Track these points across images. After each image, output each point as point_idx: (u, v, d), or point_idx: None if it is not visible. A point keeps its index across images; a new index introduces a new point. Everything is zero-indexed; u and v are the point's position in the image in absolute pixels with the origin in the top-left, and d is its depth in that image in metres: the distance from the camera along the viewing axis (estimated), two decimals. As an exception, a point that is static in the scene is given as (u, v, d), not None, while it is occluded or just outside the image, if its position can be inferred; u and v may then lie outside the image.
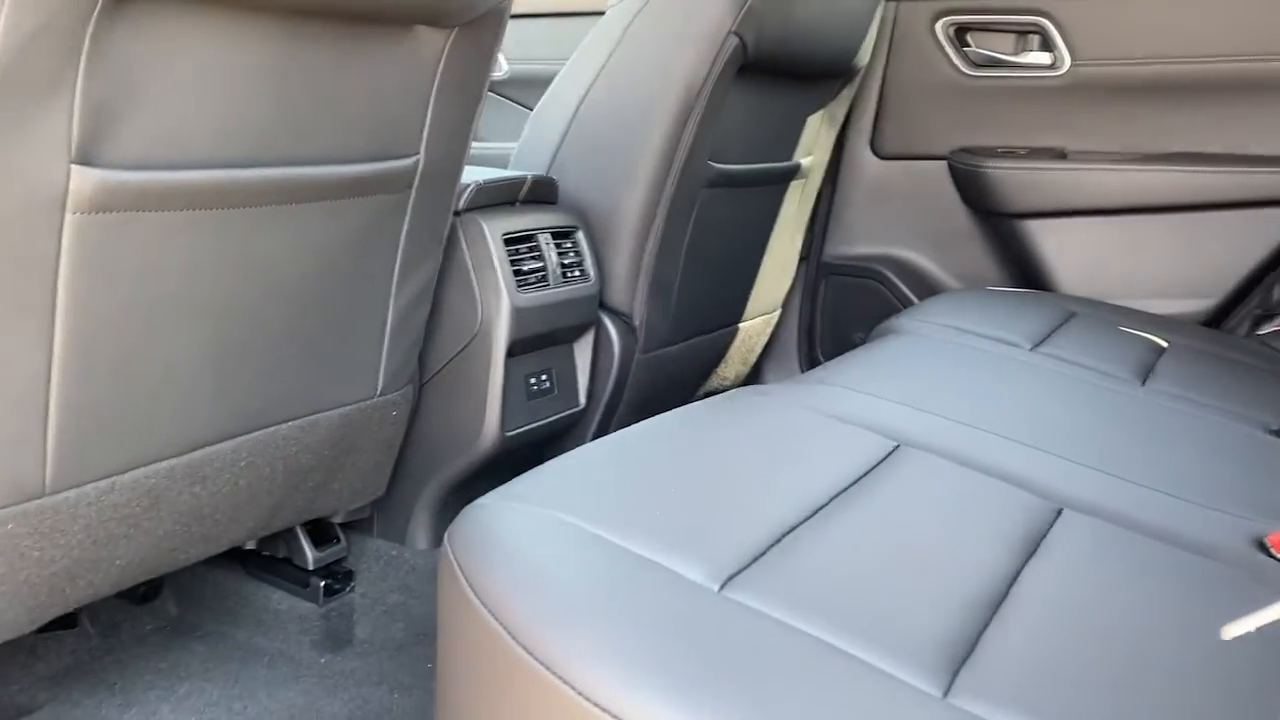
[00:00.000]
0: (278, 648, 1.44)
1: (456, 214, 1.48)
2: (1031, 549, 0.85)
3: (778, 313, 2.28)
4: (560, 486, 0.82)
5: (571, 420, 1.70)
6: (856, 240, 2.32)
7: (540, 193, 1.61)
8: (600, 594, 0.68)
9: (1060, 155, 2.09)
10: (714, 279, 1.94)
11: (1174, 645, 0.73)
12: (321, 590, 1.51)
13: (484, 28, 1.22)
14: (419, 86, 1.20)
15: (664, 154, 1.64)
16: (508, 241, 1.50)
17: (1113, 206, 2.04)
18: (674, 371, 1.92)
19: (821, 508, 0.86)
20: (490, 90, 2.95)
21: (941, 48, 2.17)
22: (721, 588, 0.72)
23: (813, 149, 2.09)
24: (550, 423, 1.64)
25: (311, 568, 1.51)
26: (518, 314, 1.49)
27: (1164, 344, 1.73)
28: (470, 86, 1.26)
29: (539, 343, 1.58)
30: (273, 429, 1.23)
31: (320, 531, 1.54)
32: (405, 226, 1.28)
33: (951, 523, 0.89)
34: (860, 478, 0.93)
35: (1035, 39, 2.10)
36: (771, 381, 2.40)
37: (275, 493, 1.29)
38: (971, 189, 2.18)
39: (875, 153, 2.29)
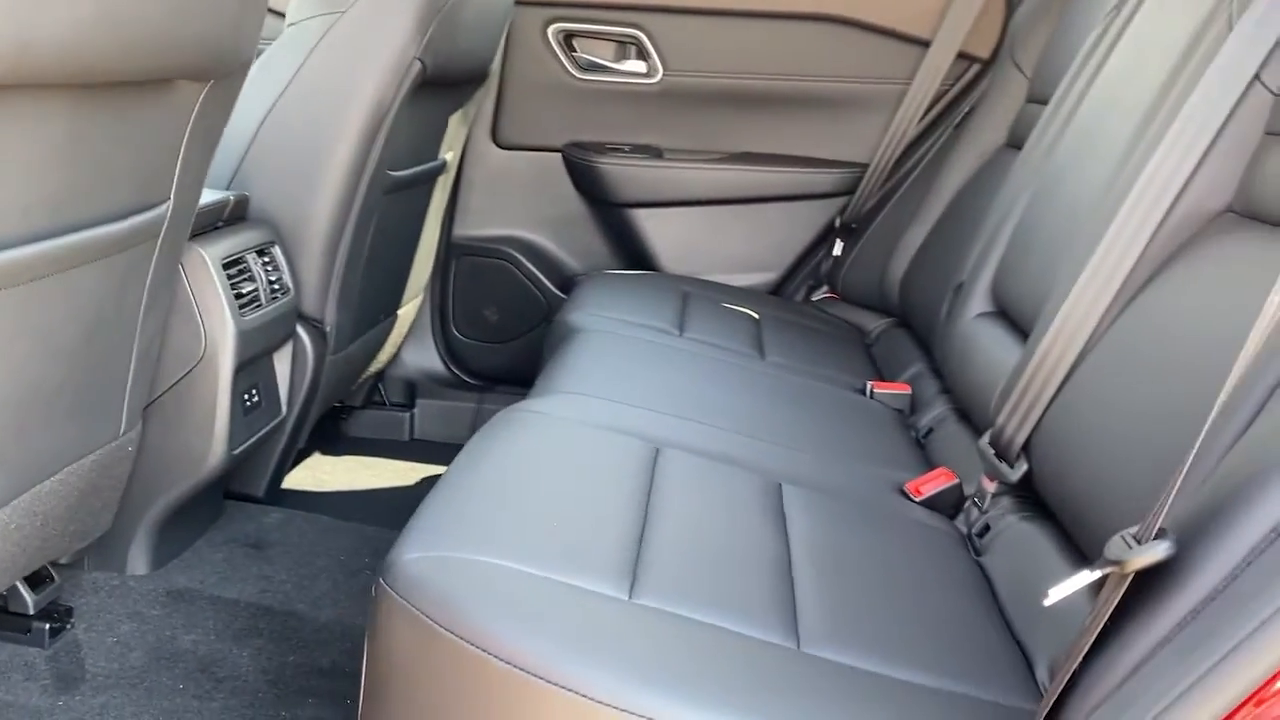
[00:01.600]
0: (6, 700, 1.39)
1: (170, 242, 1.48)
2: (781, 522, 1.18)
3: (421, 296, 2.44)
4: (466, 532, 0.99)
5: (276, 427, 1.77)
6: (483, 223, 2.54)
7: (238, 210, 1.64)
8: (555, 621, 0.88)
9: (657, 153, 2.47)
10: (382, 274, 2.06)
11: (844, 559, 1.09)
12: (46, 633, 1.46)
13: (237, 76, 1.26)
14: (174, 136, 1.22)
15: (353, 169, 1.74)
16: (226, 266, 1.53)
17: (699, 198, 2.46)
18: (352, 366, 2.03)
19: (646, 513, 1.11)
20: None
21: (553, 51, 2.43)
22: (630, 596, 0.95)
23: (453, 145, 2.26)
24: (262, 435, 1.69)
25: (31, 612, 1.46)
26: (243, 337, 1.53)
27: (756, 316, 2.17)
28: (215, 130, 1.29)
29: (253, 360, 1.63)
30: (35, 489, 1.21)
31: (33, 573, 1.48)
32: (152, 268, 1.29)
33: (719, 507, 1.19)
34: (652, 482, 1.19)
35: (633, 49, 2.43)
36: (410, 359, 2.56)
37: (26, 547, 1.26)
38: (584, 180, 2.49)
39: (497, 143, 2.50)
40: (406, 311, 2.33)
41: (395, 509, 2.28)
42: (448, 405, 2.57)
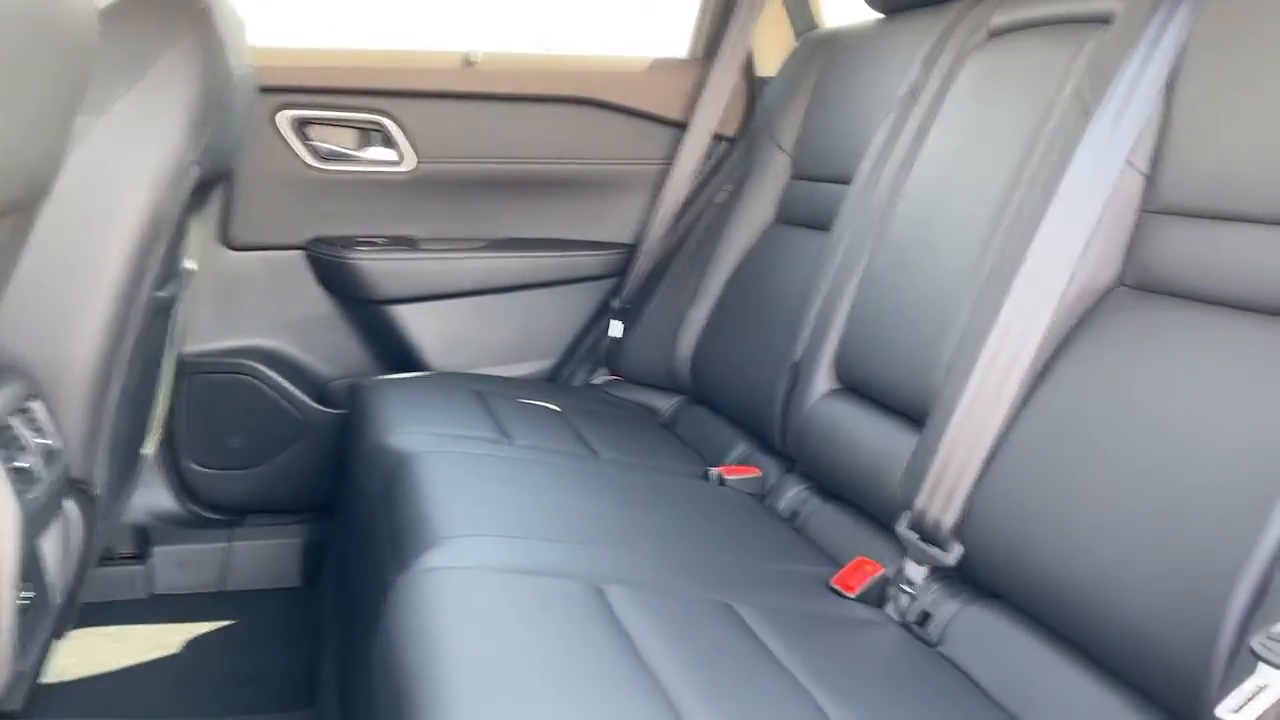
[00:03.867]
0: None
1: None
2: (753, 639, 1.10)
3: (157, 437, 2.07)
4: None
5: (48, 624, 1.39)
6: (217, 335, 2.22)
7: (-15, 362, 1.28)
8: None
9: (413, 244, 2.29)
10: (135, 411, 1.71)
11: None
12: None
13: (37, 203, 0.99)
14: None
15: (124, 296, 1.43)
16: (-6, 438, 1.18)
17: (463, 289, 2.31)
18: (112, 522, 1.67)
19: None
20: None
21: (285, 140, 2.19)
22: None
23: (192, 253, 1.95)
24: (44, 639, 1.33)
25: None
26: (28, 524, 1.19)
27: (557, 409, 2.07)
28: (8, 268, 1.01)
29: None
30: None
31: None
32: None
33: (701, 646, 1.09)
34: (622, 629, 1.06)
35: (378, 135, 2.25)
36: (138, 502, 2.17)
37: None
38: (333, 278, 2.25)
39: (227, 244, 2.20)
40: (150, 447, 1.97)
41: (165, 688, 1.92)
42: (191, 550, 2.20)
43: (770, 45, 2.39)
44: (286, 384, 2.24)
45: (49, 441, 1.34)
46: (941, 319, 1.44)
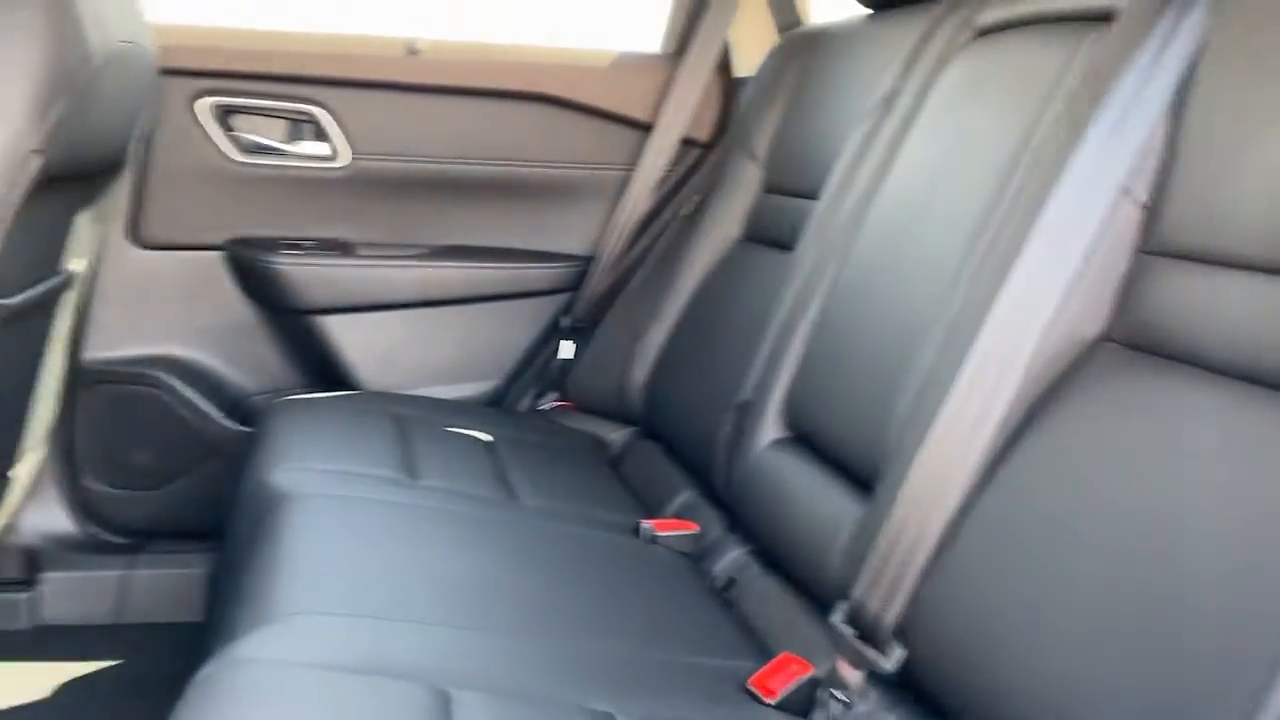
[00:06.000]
0: None
1: None
2: None
3: (42, 453, 1.87)
4: None
5: None
6: (122, 342, 2.01)
7: None
8: None
9: (347, 249, 2.08)
10: (-11, 434, 1.51)
11: None
12: None
13: None
14: None
15: (-57, 305, 1.23)
16: None
17: (400, 300, 2.10)
18: None
19: None
20: None
21: (204, 130, 1.98)
22: None
23: (81, 251, 1.74)
24: None
25: None
26: None
27: (488, 438, 1.85)
28: None
29: None
30: None
31: None
32: None
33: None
34: None
35: (310, 128, 2.04)
36: (28, 523, 1.97)
37: None
38: (254, 283, 2.05)
39: (137, 242, 2.00)
40: (24, 469, 1.76)
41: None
42: (85, 576, 1.99)
43: (752, 43, 2.16)
44: (198, 398, 2.03)
45: None
46: (900, 364, 1.21)
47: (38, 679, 1.82)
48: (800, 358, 1.45)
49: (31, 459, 1.79)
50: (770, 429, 1.46)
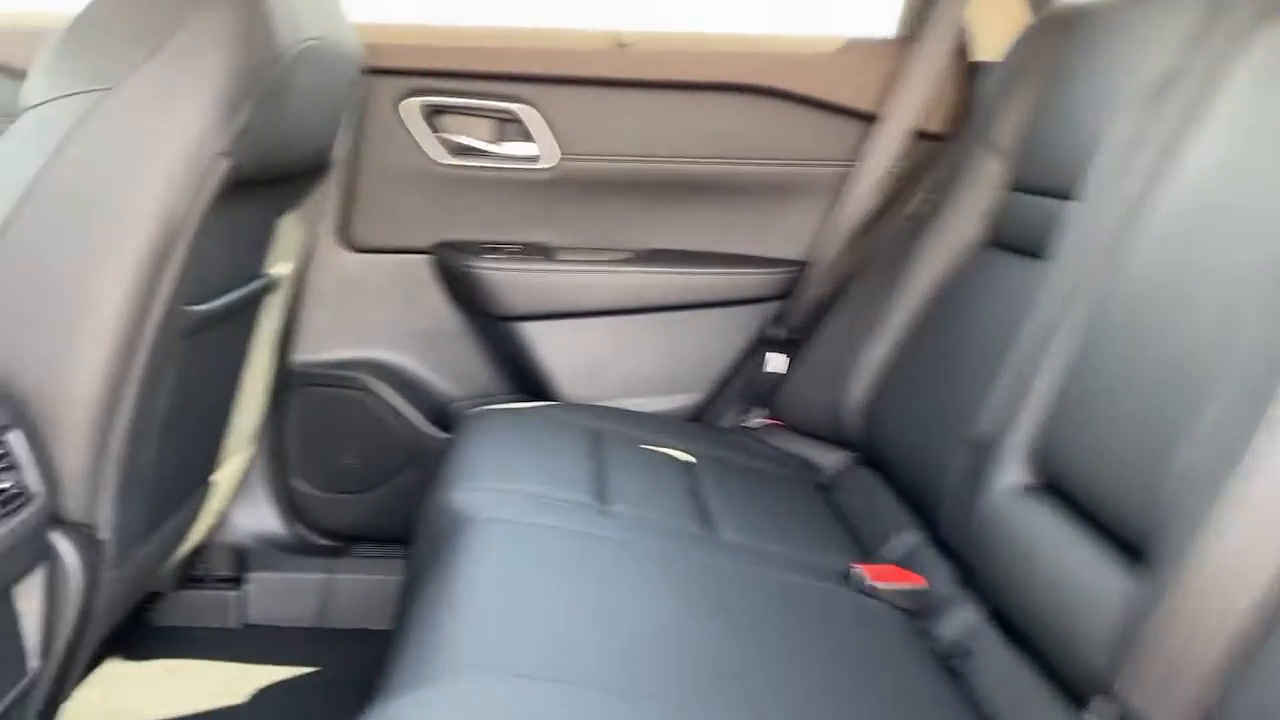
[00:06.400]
0: None
1: None
2: None
3: (251, 450, 1.88)
4: None
5: (21, 694, 1.19)
6: (331, 345, 2.01)
7: (-56, 387, 1.08)
8: None
9: (549, 254, 1.99)
10: (187, 438, 1.50)
11: None
12: None
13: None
14: None
15: (133, 311, 1.20)
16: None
17: (603, 307, 1.99)
18: (146, 568, 1.46)
19: None
20: None
21: (412, 132, 1.94)
22: None
23: (285, 254, 1.73)
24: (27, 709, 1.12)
25: None
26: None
27: (688, 458, 1.71)
28: None
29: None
30: None
31: None
32: None
33: None
34: None
35: (516, 128, 1.96)
36: (239, 521, 1.99)
37: None
38: (460, 288, 1.99)
39: (346, 245, 1.99)
40: (230, 470, 1.77)
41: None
42: (289, 579, 2.00)
43: (994, 24, 1.92)
44: (402, 403, 2.00)
45: (13, 481, 1.12)
46: (1185, 405, 0.97)
47: (239, 681, 1.83)
48: (1053, 388, 1.22)
49: (236, 462, 1.80)
50: (1013, 470, 1.24)
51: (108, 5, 1.18)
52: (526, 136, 1.96)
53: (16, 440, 1.14)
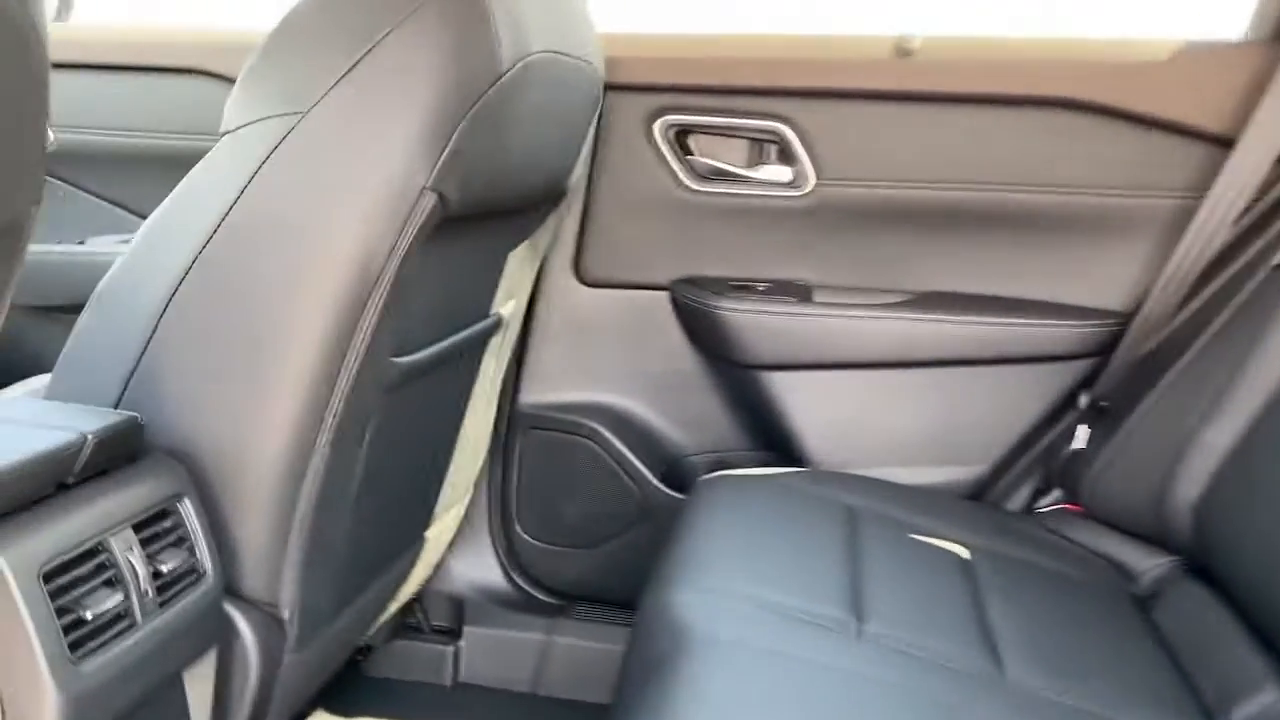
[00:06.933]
0: None
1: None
2: None
3: (469, 497, 1.74)
4: None
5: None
6: (560, 386, 1.83)
7: (111, 451, 0.96)
8: None
9: (805, 294, 1.73)
10: (391, 500, 1.36)
11: None
12: None
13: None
14: None
15: (328, 361, 1.05)
16: (50, 576, 0.84)
17: (866, 359, 1.70)
18: (334, 650, 1.32)
19: None
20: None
21: (660, 154, 1.73)
22: None
23: (515, 291, 1.57)
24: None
25: None
26: (78, 704, 0.84)
27: (965, 555, 1.40)
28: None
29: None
30: None
31: None
32: None
33: None
34: None
35: (774, 149, 1.72)
36: (458, 568, 1.86)
37: None
38: (700, 330, 1.77)
39: (580, 279, 1.81)
40: (445, 523, 1.63)
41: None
42: (507, 637, 1.85)
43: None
44: (630, 454, 1.80)
45: (180, 560, 0.98)
46: None
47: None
48: None
49: (453, 514, 1.66)
50: None
51: (304, 17, 1.03)
52: (784, 159, 1.71)
53: (189, 510, 1.01)
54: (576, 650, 1.83)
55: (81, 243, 1.93)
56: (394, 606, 1.57)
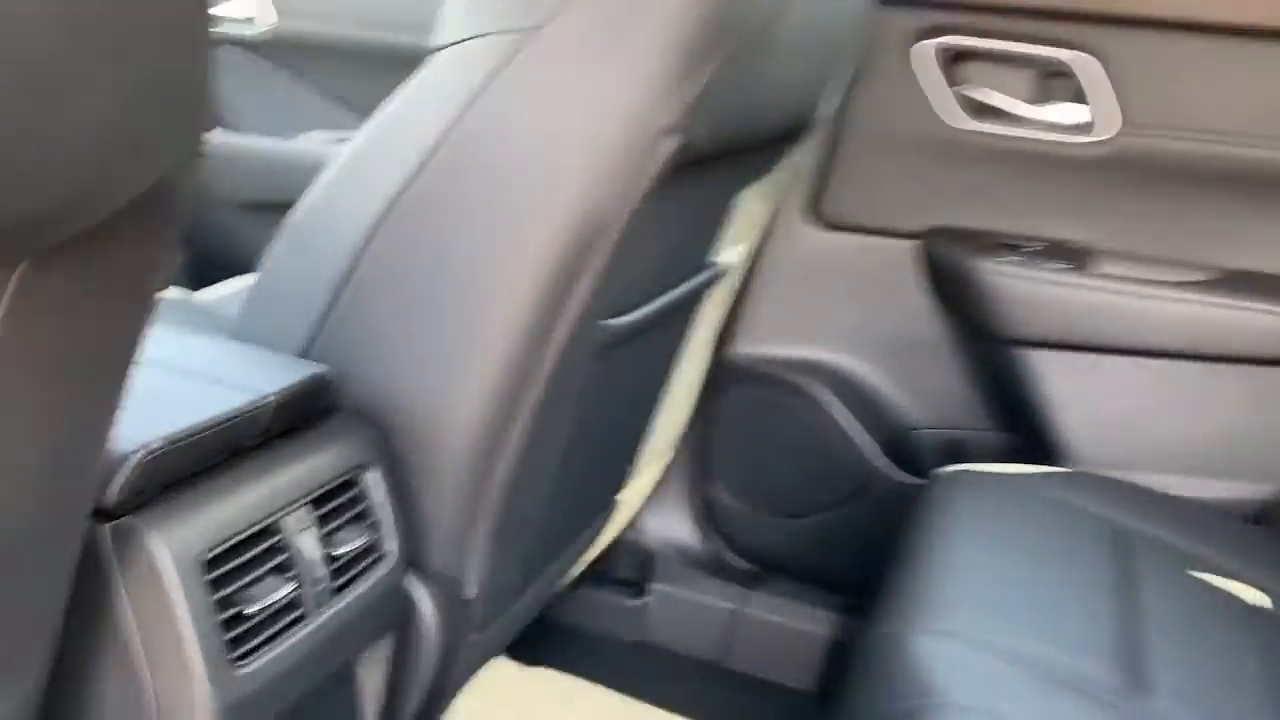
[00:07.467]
0: None
1: (104, 518, 0.70)
2: None
3: (669, 457, 1.59)
4: None
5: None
6: (779, 338, 1.64)
7: (294, 413, 0.84)
8: None
9: (1085, 261, 1.46)
10: (591, 464, 1.22)
11: None
12: None
13: (106, 248, 0.45)
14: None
15: (539, 322, 0.90)
16: (213, 563, 0.73)
17: (1150, 345, 1.43)
18: (516, 625, 1.21)
19: None
20: (244, 50, 2.06)
21: (925, 82, 1.48)
22: None
23: (742, 235, 1.38)
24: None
25: None
26: (238, 711, 0.74)
27: (1264, 601, 1.15)
28: (68, 356, 0.49)
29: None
30: None
31: None
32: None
33: None
34: None
35: (1064, 85, 1.44)
36: (650, 523, 1.73)
37: None
38: (952, 289, 1.53)
39: (818, 220, 1.59)
40: (637, 489, 1.49)
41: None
42: (696, 600, 1.71)
43: None
44: (852, 422, 1.60)
45: (364, 539, 0.87)
46: None
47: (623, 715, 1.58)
48: None
49: (650, 473, 1.52)
50: None
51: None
52: (1078, 97, 1.43)
53: (374, 482, 0.89)
54: (770, 626, 1.68)
55: (293, 138, 1.86)
56: (578, 570, 1.46)
